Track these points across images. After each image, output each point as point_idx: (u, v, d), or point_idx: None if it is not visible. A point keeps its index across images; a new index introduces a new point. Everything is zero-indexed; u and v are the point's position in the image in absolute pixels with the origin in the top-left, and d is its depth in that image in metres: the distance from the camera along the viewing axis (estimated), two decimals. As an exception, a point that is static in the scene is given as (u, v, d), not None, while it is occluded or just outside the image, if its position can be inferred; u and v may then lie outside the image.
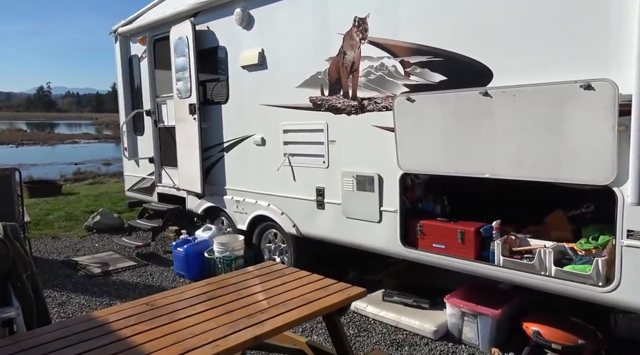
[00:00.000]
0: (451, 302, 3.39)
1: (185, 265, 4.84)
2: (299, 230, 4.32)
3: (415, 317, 3.59)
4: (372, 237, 3.71)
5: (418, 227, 3.44)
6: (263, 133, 4.57)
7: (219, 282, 2.67)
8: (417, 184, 3.64)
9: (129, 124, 6.51)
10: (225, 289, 2.55)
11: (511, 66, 2.85)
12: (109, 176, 14.74)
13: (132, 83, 6.63)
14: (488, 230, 3.14)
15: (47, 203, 8.83)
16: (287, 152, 4.32)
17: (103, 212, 6.98)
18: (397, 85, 3.41)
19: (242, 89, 4.74)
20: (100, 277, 4.90)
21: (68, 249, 5.95)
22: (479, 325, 3.26)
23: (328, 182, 4.01)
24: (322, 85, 3.94)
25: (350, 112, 3.76)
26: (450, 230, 3.27)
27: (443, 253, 3.30)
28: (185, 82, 5.20)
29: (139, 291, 4.51)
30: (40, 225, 7.10)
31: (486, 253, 3.14)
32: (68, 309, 4.12)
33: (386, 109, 3.49)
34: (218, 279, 2.74)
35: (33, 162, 20.08)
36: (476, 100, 2.89)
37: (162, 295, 2.49)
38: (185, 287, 2.65)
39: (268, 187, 4.57)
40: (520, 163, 2.77)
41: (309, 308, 2.28)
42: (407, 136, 3.31)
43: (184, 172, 5.47)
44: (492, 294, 3.44)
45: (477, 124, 2.92)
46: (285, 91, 4.27)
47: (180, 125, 5.43)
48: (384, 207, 3.60)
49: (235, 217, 5.01)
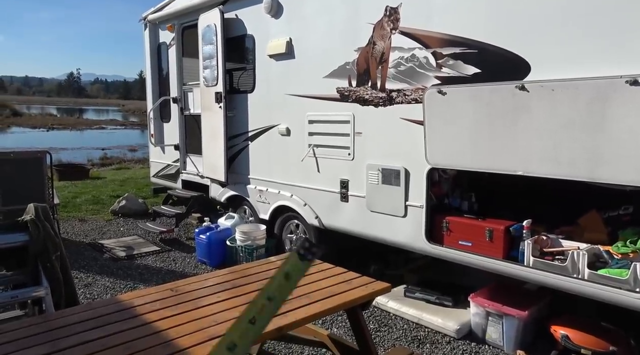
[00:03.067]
0: (476, 301, 3.32)
1: (207, 253, 4.88)
2: (322, 222, 4.29)
3: (437, 315, 3.53)
4: (396, 232, 3.65)
5: (444, 223, 3.36)
6: (288, 123, 4.54)
7: (242, 271, 2.66)
8: (445, 179, 3.56)
9: (156, 111, 6.58)
10: (247, 278, 2.54)
11: (550, 59, 2.72)
12: (134, 162, 14.97)
13: (160, 70, 6.68)
14: (518, 230, 3.04)
15: (76, 186, 9.04)
16: (312, 143, 4.28)
17: (129, 197, 7.10)
18: (428, 77, 3.32)
19: (269, 78, 4.71)
20: (125, 261, 4.98)
21: (94, 232, 6.08)
22: (505, 326, 3.17)
23: (352, 175, 3.96)
24: (350, 76, 3.87)
25: (378, 103, 3.69)
26: (478, 227, 3.18)
27: (470, 251, 3.22)
28: (212, 70, 5.20)
29: (161, 276, 4.57)
30: (69, 208, 7.27)
31: (515, 253, 3.05)
32: (94, 290, 4.21)
33: (415, 101, 3.41)
34: (240, 268, 2.73)
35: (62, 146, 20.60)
36: (512, 95, 2.79)
37: (186, 282, 2.49)
38: (208, 274, 2.66)
39: (291, 178, 4.55)
40: (556, 161, 2.66)
41: (332, 301, 2.25)
42: (437, 130, 3.22)
43: (208, 160, 5.50)
44: (519, 295, 3.35)
45: (512, 119, 2.81)
46: (312, 81, 4.22)
47: (205, 113, 5.44)
48: (410, 202, 3.53)
49: (258, 206, 5.01)
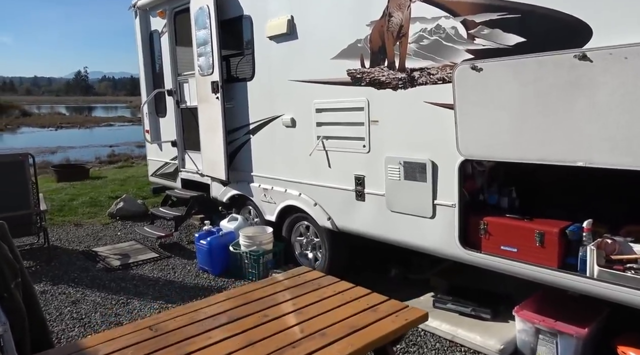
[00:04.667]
0: (523, 316, 2.79)
1: (209, 260, 4.41)
2: (335, 224, 3.79)
3: (475, 331, 3.02)
4: (423, 235, 3.13)
5: (482, 225, 2.83)
6: (293, 113, 4.01)
7: (242, 297, 2.17)
8: (479, 172, 3.02)
9: (150, 105, 6.08)
10: (248, 308, 2.05)
11: (619, 20, 2.16)
12: (141, 158, 14.68)
13: (152, 61, 6.17)
14: (576, 232, 2.50)
15: (74, 187, 8.63)
16: (321, 135, 3.75)
17: (126, 198, 6.66)
18: (458, 52, 2.77)
19: (270, 63, 4.18)
20: (119, 271, 4.54)
21: (89, 238, 5.64)
22: (560, 346, 2.65)
23: (369, 170, 3.43)
24: (363, 56, 3.33)
25: (396, 86, 3.14)
26: (526, 230, 2.64)
27: (515, 258, 2.69)
28: (207, 58, 4.68)
29: (158, 288, 4.11)
30: (64, 211, 6.86)
31: (572, 260, 2.51)
32: (81, 308, 3.76)
33: (443, 81, 2.86)
34: (240, 292, 2.24)
35: (70, 145, 20.37)
36: (569, 67, 2.23)
37: (170, 315, 2.01)
38: (200, 303, 2.17)
39: (299, 175, 4.04)
40: (629, 149, 2.11)
41: (355, 341, 1.75)
42: (471, 114, 2.67)
43: (207, 156, 5.01)
44: (573, 306, 2.81)
45: (569, 97, 2.25)
46: (318, 64, 3.68)
47: (202, 106, 4.94)
48: (439, 201, 3.00)
49: (263, 207, 4.52)
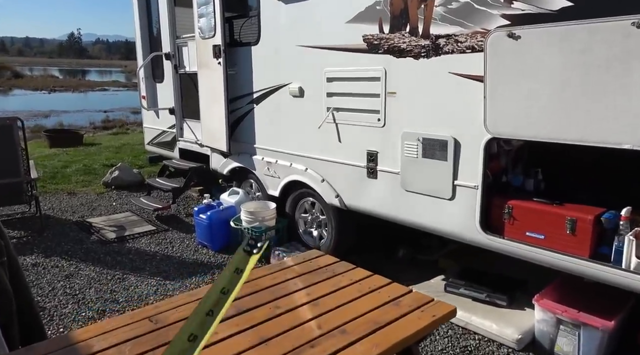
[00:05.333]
0: (544, 306, 2.63)
1: (208, 235, 4.21)
2: (343, 202, 3.58)
3: (490, 318, 2.87)
4: (440, 217, 2.92)
5: (506, 209, 2.62)
6: (301, 82, 3.73)
7: (250, 285, 1.98)
8: (506, 151, 2.79)
9: (146, 69, 5.75)
10: (257, 298, 1.86)
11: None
12: (137, 124, 14.31)
13: (149, 23, 5.80)
14: (612, 220, 2.30)
15: (67, 154, 8.34)
16: (332, 106, 3.49)
17: (122, 167, 6.40)
18: (492, 17, 2.49)
19: (277, 26, 3.86)
20: (115, 244, 4.34)
21: (83, 208, 5.43)
22: (583, 338, 2.50)
23: (383, 145, 3.20)
24: (382, 19, 3.03)
25: (418, 54, 2.87)
26: (555, 216, 2.44)
27: (541, 245, 2.50)
28: (209, 19, 4.34)
29: (155, 264, 3.93)
30: (57, 179, 6.60)
31: (605, 250, 2.33)
32: (75, 283, 3.58)
33: (472, 49, 2.59)
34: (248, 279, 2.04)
35: (64, 109, 19.88)
36: (624, 35, 1.97)
37: (171, 304, 1.81)
38: (203, 288, 1.97)
39: (306, 148, 3.80)
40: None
41: (380, 340, 1.56)
42: (504, 87, 2.42)
43: (207, 126, 4.74)
44: (596, 296, 2.65)
45: (623, 70, 2.01)
46: (331, 28, 3.38)
47: (202, 72, 4.63)
48: (460, 181, 2.78)
49: (266, 181, 4.29)
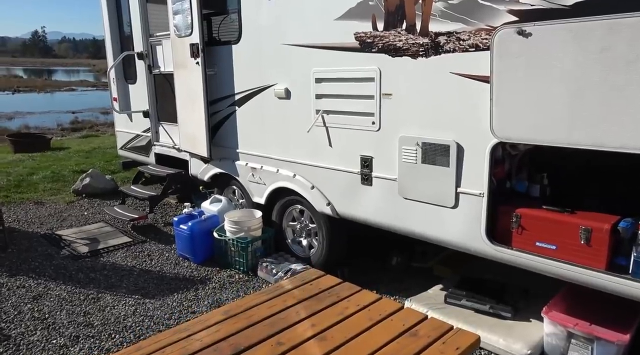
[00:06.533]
0: (553, 318, 2.49)
1: (190, 247, 3.94)
2: (335, 210, 3.37)
3: (496, 332, 2.71)
4: (442, 227, 2.75)
5: (514, 218, 2.47)
6: (287, 83, 3.50)
7: (245, 315, 1.74)
8: (511, 157, 2.64)
9: (117, 70, 5.41)
10: (256, 331, 1.63)
11: None
12: (107, 126, 13.76)
13: (120, 20, 5.45)
14: (629, 228, 2.17)
15: (33, 160, 7.87)
16: (321, 109, 3.27)
17: (93, 173, 6.02)
18: (498, 12, 2.32)
19: (259, 23, 3.62)
20: (88, 258, 4.02)
21: (52, 219, 5.05)
22: (597, 353, 2.37)
23: (379, 150, 3.01)
24: (375, 16, 2.83)
25: (416, 53, 2.68)
26: (568, 225, 2.30)
27: (552, 256, 2.35)
28: (185, 16, 4.06)
29: (133, 280, 3.63)
30: (22, 188, 6.17)
31: (622, 261, 2.20)
32: (44, 305, 3.26)
33: (476, 48, 2.42)
34: (242, 308, 1.81)
35: (29, 110, 18.97)
36: (647, 33, 1.83)
37: (156, 343, 1.56)
38: (193, 324, 1.72)
39: (294, 153, 3.58)
40: None
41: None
42: (512, 89, 2.26)
43: (185, 130, 4.45)
44: (607, 307, 2.53)
45: (644, 70, 1.87)
46: (319, 25, 3.17)
47: (179, 72, 4.34)
48: (463, 188, 2.61)
49: (250, 187, 4.05)
